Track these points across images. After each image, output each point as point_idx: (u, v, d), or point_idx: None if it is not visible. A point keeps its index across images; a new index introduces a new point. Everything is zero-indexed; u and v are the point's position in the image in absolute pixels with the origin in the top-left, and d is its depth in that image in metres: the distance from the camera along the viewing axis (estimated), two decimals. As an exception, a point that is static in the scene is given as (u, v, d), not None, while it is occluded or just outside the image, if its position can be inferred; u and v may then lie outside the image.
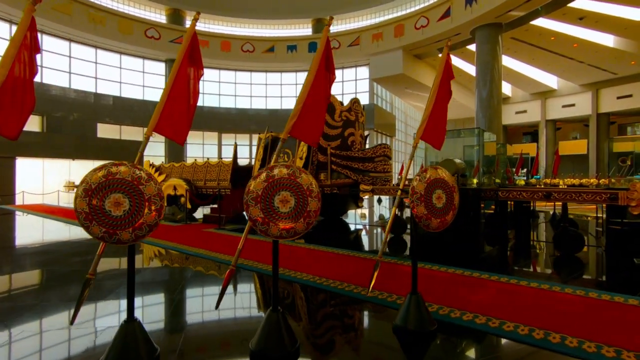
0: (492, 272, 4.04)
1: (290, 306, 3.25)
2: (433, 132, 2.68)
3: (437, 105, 2.68)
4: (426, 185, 2.30)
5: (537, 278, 4.09)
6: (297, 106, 2.34)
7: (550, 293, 3.35)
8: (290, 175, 2.04)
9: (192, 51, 2.49)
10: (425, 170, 2.35)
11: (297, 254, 5.12)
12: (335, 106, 8.11)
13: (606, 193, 4.98)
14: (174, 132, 2.34)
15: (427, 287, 3.56)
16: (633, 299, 3.17)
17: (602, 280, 4.21)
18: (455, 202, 2.42)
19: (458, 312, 2.85)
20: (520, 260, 5.20)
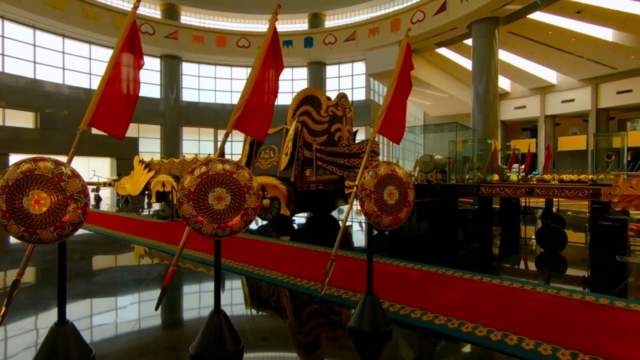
0: (467, 270, 3.94)
1: (256, 305, 3.17)
2: (391, 126, 2.57)
3: (395, 98, 2.57)
4: (376, 182, 2.20)
5: (515, 276, 4.00)
6: (242, 99, 2.24)
7: (521, 292, 3.26)
8: (226, 172, 1.94)
9: (131, 39, 2.38)
10: (377, 165, 2.25)
11: (275, 252, 5.04)
12: (321, 101, 8.00)
13: (588, 189, 4.88)
14: (112, 126, 2.25)
15: (397, 285, 3.47)
16: (604, 298, 3.07)
17: (579, 278, 4.11)
18: (410, 198, 2.32)
19: (419, 312, 2.76)
20: (501, 257, 5.10)
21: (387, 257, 4.54)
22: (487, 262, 4.72)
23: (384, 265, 4.19)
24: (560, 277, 4.09)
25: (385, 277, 3.76)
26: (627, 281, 3.82)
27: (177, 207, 1.92)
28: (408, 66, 2.70)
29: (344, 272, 3.90)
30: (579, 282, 3.90)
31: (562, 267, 4.56)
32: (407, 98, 2.75)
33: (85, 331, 2.51)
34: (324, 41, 22.10)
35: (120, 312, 2.94)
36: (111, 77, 2.25)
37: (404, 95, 2.69)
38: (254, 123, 2.32)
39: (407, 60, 2.66)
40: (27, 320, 2.74)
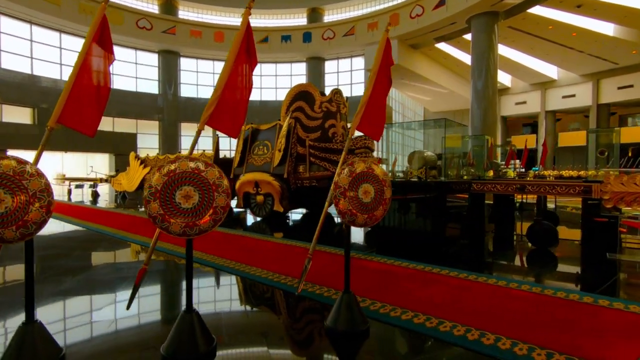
0: (454, 267, 3.91)
1: (235, 303, 3.16)
2: (370, 123, 2.53)
3: (374, 94, 2.53)
4: (351, 179, 2.16)
5: (502, 273, 3.97)
6: (214, 95, 2.20)
7: (505, 290, 3.23)
8: (194, 169, 1.91)
9: (102, 33, 2.34)
10: (352, 163, 2.22)
11: (260, 248, 5.02)
12: (314, 97, 7.95)
13: (580, 186, 4.84)
14: (82, 123, 2.21)
15: (381, 283, 3.45)
16: (588, 296, 3.04)
17: (567, 275, 4.07)
18: (386, 196, 2.28)
19: (399, 311, 2.73)
20: (490, 254, 5.06)
21: (375, 255, 4.52)
22: (476, 259, 4.68)
23: (371, 263, 4.17)
24: (547, 275, 4.06)
25: (371, 275, 3.73)
26: (614, 279, 3.79)
27: (144, 205, 1.89)
28: (388, 62, 2.65)
29: (328, 268, 3.88)
30: (566, 280, 3.87)
31: (551, 264, 4.53)
32: (386, 94, 2.71)
33: (58, 331, 2.50)
34: (322, 36, 21.96)
35: (95, 312, 2.92)
36: (80, 72, 2.21)
37: (384, 92, 2.64)
38: (227, 119, 2.29)
39: (386, 55, 2.61)
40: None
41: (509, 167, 10.77)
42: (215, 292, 3.52)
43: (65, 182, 15.71)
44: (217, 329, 2.53)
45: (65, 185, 15.65)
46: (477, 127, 16.86)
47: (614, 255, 4.60)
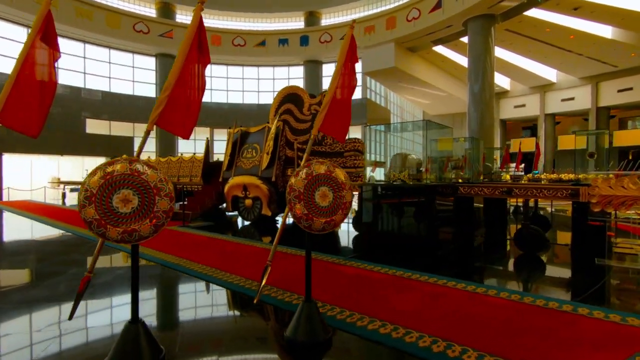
0: (434, 273, 3.79)
1: (193, 310, 3.04)
2: (334, 123, 2.43)
3: (339, 93, 2.42)
4: (306, 182, 2.05)
5: (485, 279, 3.84)
6: (163, 94, 2.10)
7: (482, 297, 3.10)
8: (133, 172, 1.80)
9: (46, 28, 2.24)
10: (309, 164, 2.11)
11: (243, 252, 4.90)
12: (303, 99, 7.86)
13: (567, 189, 4.71)
14: (23, 123, 2.11)
15: (355, 289, 3.33)
16: (568, 304, 2.91)
17: (551, 282, 3.94)
18: (346, 200, 2.17)
19: (366, 320, 2.61)
20: (475, 260, 4.93)
21: (355, 260, 4.40)
22: (458, 264, 4.55)
23: (349, 269, 4.04)
24: (530, 281, 3.93)
25: (346, 280, 3.61)
26: (599, 286, 3.65)
27: (79, 209, 1.78)
28: (353, 60, 2.54)
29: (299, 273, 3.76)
30: (548, 287, 3.74)
31: (536, 270, 4.40)
32: (352, 93, 2.60)
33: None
34: (319, 39, 21.91)
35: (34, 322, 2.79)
36: (22, 70, 2.11)
37: (349, 91, 2.54)
38: (178, 120, 2.18)
39: (351, 53, 2.51)
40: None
41: (503, 170, 10.65)
42: (178, 300, 3.41)
43: (60, 185, 15.66)
44: (171, 338, 2.42)
45: (59, 189, 15.59)
46: (474, 131, 16.73)
47: (602, 260, 4.46)
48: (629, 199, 4.25)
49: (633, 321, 2.60)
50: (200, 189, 8.99)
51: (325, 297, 3.10)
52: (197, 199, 8.54)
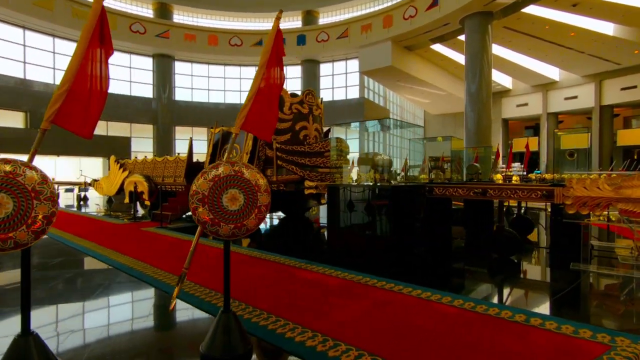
0: (394, 278, 3.61)
1: (103, 320, 2.90)
2: (258, 121, 2.27)
3: (263, 89, 2.27)
4: (212, 185, 1.90)
5: (451, 285, 3.64)
6: (61, 88, 1.95)
7: (433, 305, 2.92)
8: (8, 174, 1.67)
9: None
10: (217, 165, 1.96)
11: (208, 255, 4.76)
12: (284, 98, 7.69)
13: (541, 190, 4.51)
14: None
15: (302, 295, 3.16)
16: (521, 313, 2.72)
17: (518, 287, 3.74)
18: (261, 203, 2.01)
19: (298, 331, 2.45)
20: (446, 264, 4.73)
21: (314, 263, 4.23)
22: (423, 268, 4.35)
23: (304, 272, 3.88)
24: (492, 288, 3.73)
25: (296, 286, 3.45)
26: (562, 294, 3.45)
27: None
28: (279, 53, 2.39)
29: (259, 281, 3.61)
30: (511, 293, 3.54)
31: (503, 275, 4.19)
32: (279, 89, 2.44)
33: None
34: (316, 39, 21.75)
35: None
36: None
37: (275, 86, 2.38)
38: (77, 115, 2.03)
39: (277, 46, 2.35)
40: None
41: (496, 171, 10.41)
42: (105, 307, 3.27)
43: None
44: (77, 353, 2.28)
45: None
46: (471, 130, 16.48)
47: (578, 265, 4.25)
48: (603, 200, 4.04)
49: (585, 333, 2.41)
50: (183, 189, 8.88)
51: (265, 304, 2.95)
52: (178, 200, 8.43)
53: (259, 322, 2.59)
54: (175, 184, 9.18)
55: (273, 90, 2.35)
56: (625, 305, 3.10)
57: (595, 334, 2.39)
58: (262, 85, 2.26)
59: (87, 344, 2.38)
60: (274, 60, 2.32)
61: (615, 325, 2.62)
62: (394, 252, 4.39)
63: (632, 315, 2.87)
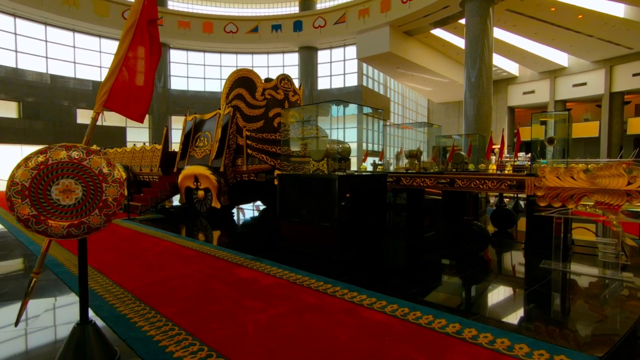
0: (334, 277, 3.25)
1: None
2: (125, 97, 1.90)
3: (130, 59, 1.89)
4: (37, 173, 1.54)
5: (400, 286, 3.26)
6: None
7: (361, 311, 2.56)
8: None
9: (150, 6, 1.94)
10: (46, 149, 1.60)
11: (153, 251, 4.46)
12: (256, 83, 7.30)
13: (511, 180, 4.08)
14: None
15: (221, 297, 2.81)
16: (456, 323, 2.34)
17: (470, 290, 3.34)
18: (109, 197, 1.66)
19: (187, 342, 2.11)
20: (398, 260, 4.34)
21: (262, 260, 3.89)
22: (374, 266, 3.97)
23: (242, 270, 3.54)
24: (442, 290, 3.34)
25: (221, 286, 3.10)
26: (516, 299, 3.05)
27: None
28: (149, 15, 1.99)
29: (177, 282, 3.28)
30: (457, 297, 3.15)
31: (461, 275, 3.79)
32: (155, 62, 2.05)
33: None
34: (313, 25, 21.13)
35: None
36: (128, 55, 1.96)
37: (147, 57, 1.99)
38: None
39: (147, 7, 1.96)
40: None
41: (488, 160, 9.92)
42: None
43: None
44: None
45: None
46: (470, 118, 15.85)
47: (548, 263, 3.84)
48: (577, 192, 3.61)
49: (521, 350, 2.02)
50: (157, 179, 8.61)
51: (174, 308, 2.62)
52: (151, 191, 8.15)
53: (148, 332, 2.26)
54: (152, 174, 8.90)
55: (147, 63, 1.97)
56: (590, 315, 2.70)
57: (533, 352, 2.00)
58: (130, 54, 1.89)
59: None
60: (143, 23, 1.94)
61: (562, 340, 2.23)
62: (345, 246, 4.02)
63: (589, 326, 2.47)
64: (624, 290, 3.15)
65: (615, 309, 2.79)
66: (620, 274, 3.47)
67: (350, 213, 4.07)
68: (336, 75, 22.96)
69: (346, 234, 3.96)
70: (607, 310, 2.75)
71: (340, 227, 3.85)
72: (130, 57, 1.90)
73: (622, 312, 2.68)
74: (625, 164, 3.48)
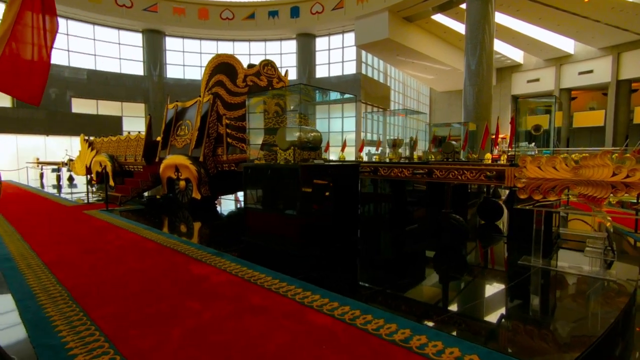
0: (290, 274, 3.03)
1: None
2: (14, 75, 1.66)
3: (18, 32, 1.64)
4: None
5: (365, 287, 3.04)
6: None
7: (306, 313, 2.34)
8: None
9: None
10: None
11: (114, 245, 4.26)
12: (237, 69, 7.01)
13: (491, 171, 3.81)
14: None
15: (162, 297, 2.60)
16: (407, 328, 2.11)
17: (437, 290, 3.10)
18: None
19: (97, 352, 1.91)
20: (374, 256, 4.10)
21: (223, 255, 3.68)
22: (340, 264, 3.74)
23: (199, 266, 3.32)
24: (405, 289, 3.10)
25: (166, 285, 2.89)
26: (485, 300, 2.81)
27: None
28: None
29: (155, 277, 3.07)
30: (421, 299, 2.92)
31: (432, 272, 3.55)
32: (51, 38, 1.79)
33: None
34: (310, 10, 20.62)
35: None
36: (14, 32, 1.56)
37: (44, 34, 1.74)
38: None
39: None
40: None
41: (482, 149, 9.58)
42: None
43: (38, 166, 15.51)
44: None
45: (38, 169, 15.44)
46: (469, 107, 15.44)
47: (528, 259, 3.58)
48: (560, 183, 3.34)
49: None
50: (141, 169, 8.41)
51: (102, 312, 2.41)
52: (133, 181, 7.96)
53: (65, 338, 2.05)
54: (136, 163, 8.71)
55: (42, 38, 1.72)
56: (563, 320, 2.46)
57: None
58: (18, 25, 1.64)
59: None
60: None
61: (527, 352, 1.99)
62: (308, 241, 3.79)
63: (561, 333, 2.22)
64: (603, 290, 2.89)
65: (593, 310, 2.55)
66: (605, 273, 3.21)
67: (316, 205, 3.83)
68: (335, 63, 22.50)
69: (310, 228, 3.73)
70: (581, 314, 2.51)
71: (303, 221, 3.62)
72: (19, 28, 1.66)
73: (593, 318, 2.43)
74: (624, 154, 3.19)
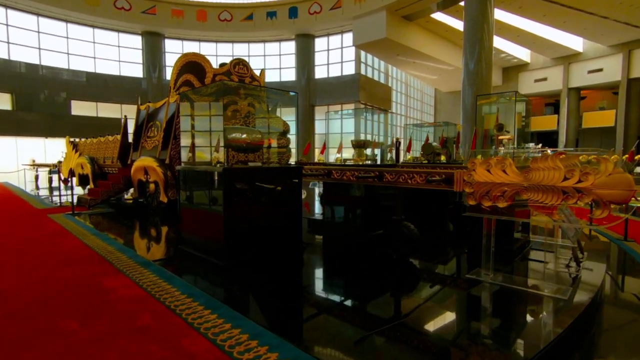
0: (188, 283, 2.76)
1: None
2: None
3: None
4: None
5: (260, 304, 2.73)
6: None
7: (188, 337, 2.05)
8: None
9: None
10: None
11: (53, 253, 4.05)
12: (205, 69, 6.78)
13: (440, 174, 3.47)
14: None
15: (42, 313, 2.35)
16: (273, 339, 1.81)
17: (365, 306, 2.77)
18: None
19: None
20: (306, 268, 3.78)
21: (149, 266, 3.42)
22: (263, 278, 3.44)
23: (119, 278, 3.07)
24: (317, 311, 2.78)
25: (63, 299, 2.64)
26: (397, 322, 2.47)
27: None
28: None
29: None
30: (326, 323, 2.60)
31: (361, 288, 3.21)
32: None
33: None
34: (309, 11, 20.35)
35: None
36: None
37: None
38: None
39: None
40: None
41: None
42: None
43: (34, 168, 15.61)
44: None
45: (34, 171, 15.54)
46: (467, 108, 14.92)
47: (478, 272, 3.23)
48: (510, 188, 2.99)
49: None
50: (116, 171, 8.26)
51: None
52: (104, 184, 7.80)
53: None
54: (113, 165, 8.56)
55: None
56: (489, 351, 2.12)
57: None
58: None
59: None
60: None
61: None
62: (234, 251, 3.51)
63: None
64: (548, 315, 2.53)
65: (520, 337, 2.20)
66: (556, 290, 2.84)
67: (245, 212, 3.55)
68: (334, 64, 22.19)
69: (236, 237, 3.45)
70: (502, 342, 2.16)
71: (228, 229, 3.34)
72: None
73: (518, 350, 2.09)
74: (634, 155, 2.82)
